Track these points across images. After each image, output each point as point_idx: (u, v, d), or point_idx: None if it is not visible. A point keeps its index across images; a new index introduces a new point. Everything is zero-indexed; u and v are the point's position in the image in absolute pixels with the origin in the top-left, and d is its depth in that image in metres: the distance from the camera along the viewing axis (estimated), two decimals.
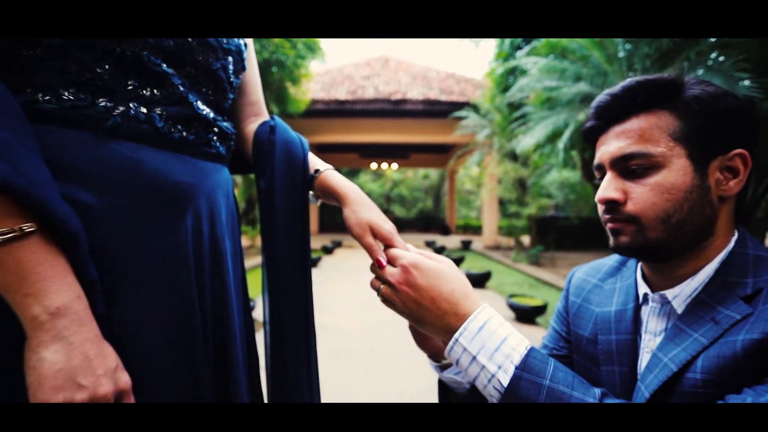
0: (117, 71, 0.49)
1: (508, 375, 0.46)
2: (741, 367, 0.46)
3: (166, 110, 0.52)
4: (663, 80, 0.57)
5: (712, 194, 0.55)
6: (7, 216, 0.39)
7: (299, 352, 0.62)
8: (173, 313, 0.52)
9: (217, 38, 0.56)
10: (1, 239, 0.38)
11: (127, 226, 0.48)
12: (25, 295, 0.40)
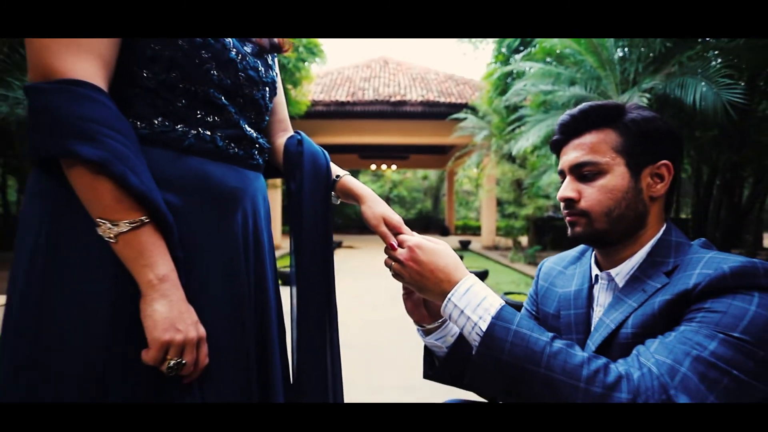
0: (190, 104, 0.63)
1: (486, 323, 0.60)
2: (657, 321, 0.61)
3: (224, 132, 0.66)
4: (609, 105, 0.71)
5: (644, 195, 0.70)
6: (132, 211, 0.54)
7: (323, 329, 0.75)
8: (229, 286, 0.66)
9: (258, 73, 0.71)
10: (131, 227, 0.53)
11: (198, 220, 0.63)
12: (143, 265, 0.54)
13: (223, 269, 0.65)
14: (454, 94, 11.46)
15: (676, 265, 0.65)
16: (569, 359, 0.54)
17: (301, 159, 0.76)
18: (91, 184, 0.52)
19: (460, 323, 0.63)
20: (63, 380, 0.55)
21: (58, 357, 0.55)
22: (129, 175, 0.52)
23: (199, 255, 0.62)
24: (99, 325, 0.56)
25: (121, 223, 0.53)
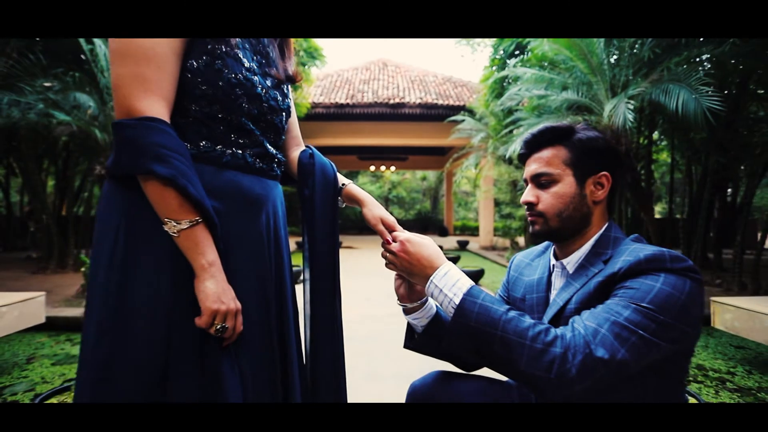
0: (227, 130, 0.79)
1: (459, 298, 0.77)
2: (593, 298, 0.77)
3: (251, 150, 0.82)
4: (562, 127, 0.88)
5: (588, 199, 0.86)
6: (191, 213, 0.71)
7: (331, 315, 0.92)
8: (256, 270, 0.82)
9: (277, 102, 0.88)
10: (189, 225, 0.70)
11: (233, 220, 0.79)
12: (197, 253, 0.70)
13: (251, 258, 0.82)
14: (452, 96, 11.61)
15: (611, 255, 0.82)
16: (519, 324, 0.71)
17: (313, 169, 0.92)
18: (162, 194, 0.69)
19: (440, 299, 0.80)
20: (137, 342, 0.71)
21: (133, 321, 0.71)
22: (189, 187, 0.69)
23: (234, 247, 0.78)
24: (164, 299, 0.72)
25: (182, 222, 0.70)
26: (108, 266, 0.72)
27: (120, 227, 0.73)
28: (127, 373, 0.70)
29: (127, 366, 0.70)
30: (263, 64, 0.85)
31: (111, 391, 0.70)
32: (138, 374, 0.71)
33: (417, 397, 0.98)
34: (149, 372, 0.71)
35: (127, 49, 0.69)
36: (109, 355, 0.70)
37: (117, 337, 0.71)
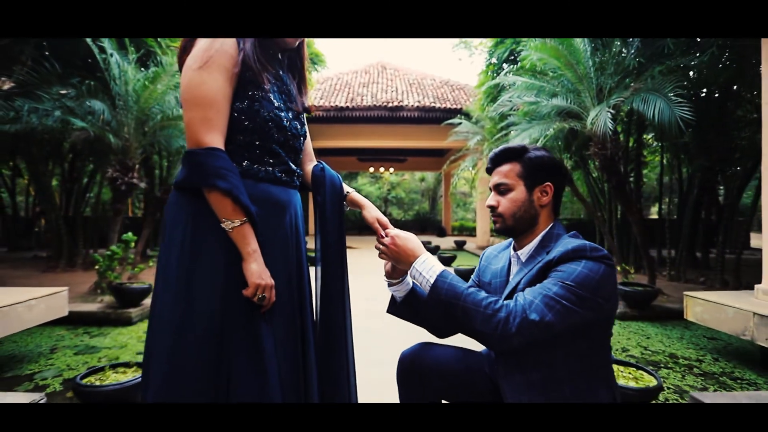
0: (261, 153, 1.03)
1: (433, 278, 1.01)
2: (535, 279, 1.01)
3: (279, 168, 1.06)
4: (517, 148, 1.13)
5: (536, 204, 1.11)
6: (240, 215, 0.94)
7: (341, 305, 1.16)
8: (282, 258, 1.06)
9: (297, 130, 1.12)
10: (240, 223, 0.93)
11: (266, 220, 1.02)
12: (245, 244, 0.94)
13: (280, 247, 1.06)
14: (450, 99, 11.87)
15: (553, 248, 1.07)
16: (476, 297, 0.96)
17: (324, 181, 1.17)
18: (221, 201, 0.93)
19: (419, 280, 1.05)
20: (202, 309, 0.95)
21: (198, 293, 0.95)
22: (240, 197, 0.93)
23: (268, 239, 1.03)
24: (220, 277, 0.97)
25: (235, 221, 0.95)
26: (179, 254, 0.96)
27: (187, 224, 0.97)
28: (195, 329, 0.94)
29: (194, 324, 0.94)
30: (287, 101, 1.10)
31: (182, 340, 0.94)
32: (201, 331, 0.94)
33: (405, 361, 1.22)
34: (210, 330, 0.95)
35: (196, 98, 0.93)
36: (180, 316, 0.95)
37: (187, 305, 0.95)
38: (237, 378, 0.94)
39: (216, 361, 0.95)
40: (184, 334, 0.94)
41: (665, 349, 3.27)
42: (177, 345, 0.94)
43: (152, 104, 5.04)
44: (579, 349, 1.01)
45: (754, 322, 2.66)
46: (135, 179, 5.10)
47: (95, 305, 4.22)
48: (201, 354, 0.94)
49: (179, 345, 0.94)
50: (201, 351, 0.94)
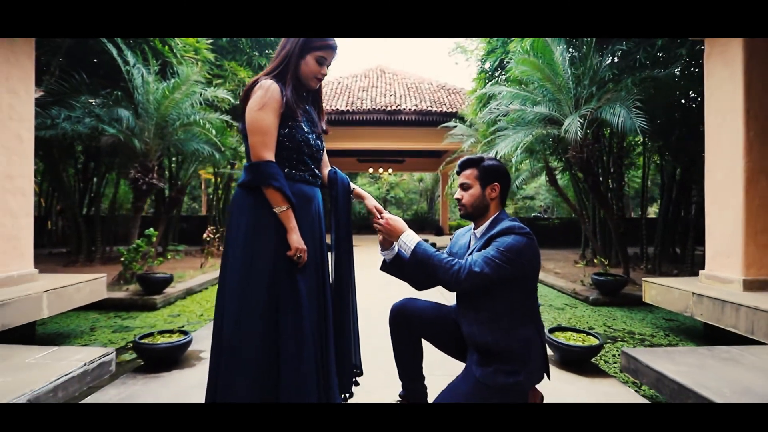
0: (297, 163, 1.50)
1: (413, 245, 1.50)
2: (482, 247, 1.50)
3: (308, 173, 1.54)
4: (476, 158, 1.62)
5: (487, 198, 1.60)
6: (285, 204, 1.41)
7: (348, 267, 1.64)
8: (310, 236, 1.52)
9: (318, 146, 1.60)
10: (286, 209, 1.41)
11: (300, 207, 1.49)
12: (289, 221, 1.41)
13: (309, 226, 1.53)
14: (446, 103, 12.35)
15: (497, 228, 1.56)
16: (440, 257, 1.45)
17: (336, 180, 1.66)
18: (275, 195, 1.41)
19: (404, 247, 1.54)
20: (262, 267, 1.42)
21: (260, 260, 1.42)
22: (286, 192, 1.41)
23: (300, 220, 1.49)
24: (273, 246, 1.43)
25: (282, 207, 1.42)
26: (245, 231, 1.44)
27: (249, 211, 1.45)
28: (256, 281, 1.42)
29: (256, 278, 1.42)
30: (312, 126, 1.58)
31: (248, 288, 1.41)
32: (260, 283, 1.41)
33: (395, 311, 1.71)
34: (265, 281, 1.43)
35: (258, 129, 1.41)
36: (247, 272, 1.42)
37: (251, 265, 1.43)
38: (284, 313, 1.42)
39: (269, 302, 1.43)
40: (249, 285, 1.42)
41: (626, 328, 3.76)
42: (244, 292, 1.42)
43: (170, 111, 5.53)
44: (512, 296, 1.50)
45: (692, 300, 3.16)
46: (154, 180, 5.58)
47: (122, 293, 4.70)
48: (260, 297, 1.42)
49: (246, 292, 1.42)
50: (260, 296, 1.42)
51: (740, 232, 3.13)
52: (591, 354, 2.42)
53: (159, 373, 2.39)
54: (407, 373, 1.76)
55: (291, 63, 1.52)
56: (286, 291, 1.44)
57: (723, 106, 3.27)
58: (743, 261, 3.11)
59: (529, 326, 1.53)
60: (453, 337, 1.69)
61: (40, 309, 3.03)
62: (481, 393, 1.46)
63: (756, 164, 3.08)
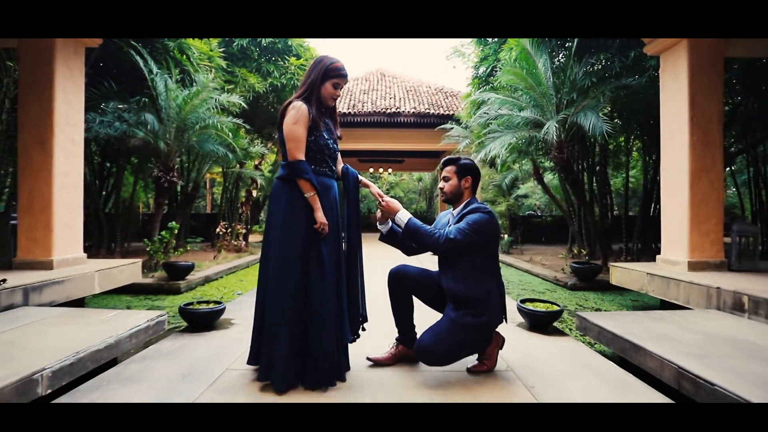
0: (320, 162, 2.03)
1: (406, 220, 2.05)
2: (457, 222, 2.07)
3: (328, 169, 2.09)
4: (455, 158, 2.18)
5: (461, 188, 2.16)
6: (313, 190, 1.95)
7: (357, 239, 2.20)
8: (330, 215, 2.06)
9: (336, 148, 2.15)
10: (313, 194, 1.95)
11: (322, 194, 2.03)
12: (315, 203, 1.96)
13: (329, 208, 2.06)
14: (443, 106, 12.91)
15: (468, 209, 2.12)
16: (426, 228, 2.00)
17: (348, 174, 2.20)
18: (305, 184, 1.95)
19: (399, 222, 2.09)
20: (297, 238, 1.96)
21: (295, 233, 1.96)
22: (314, 182, 1.95)
23: (323, 203, 2.02)
24: (305, 222, 1.96)
25: (311, 193, 1.96)
26: (284, 211, 1.99)
27: (287, 197, 1.98)
28: (292, 247, 1.96)
29: (292, 245, 1.96)
30: (330, 134, 2.13)
31: (286, 251, 1.96)
32: (295, 248, 1.95)
33: (392, 273, 2.26)
34: (299, 247, 1.97)
35: (293, 138, 1.96)
36: (285, 241, 1.97)
37: (288, 236, 1.97)
38: (312, 271, 1.97)
39: (302, 262, 1.97)
40: (287, 249, 1.97)
41: (594, 306, 4.32)
42: (283, 255, 1.96)
43: (190, 115, 6.08)
44: (477, 258, 2.05)
45: (647, 279, 3.72)
46: (175, 178, 6.14)
47: (149, 279, 5.25)
48: (295, 258, 1.97)
49: (284, 255, 1.96)
50: (295, 258, 1.97)
51: (686, 222, 3.68)
52: (552, 318, 2.97)
53: (200, 332, 2.93)
54: (401, 320, 2.31)
55: (314, 88, 2.08)
56: (314, 254, 1.99)
57: (673, 114, 3.83)
58: (689, 246, 3.67)
59: (491, 281, 2.08)
60: (434, 293, 2.24)
61: (93, 285, 3.58)
62: (455, 329, 2.02)
63: (698, 164, 3.64)
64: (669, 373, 1.94)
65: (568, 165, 5.65)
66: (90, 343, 2.14)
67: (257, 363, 2.06)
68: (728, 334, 2.39)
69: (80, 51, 3.94)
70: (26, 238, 3.57)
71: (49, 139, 3.57)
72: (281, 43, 8.62)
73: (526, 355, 2.46)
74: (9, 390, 1.64)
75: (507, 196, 9.53)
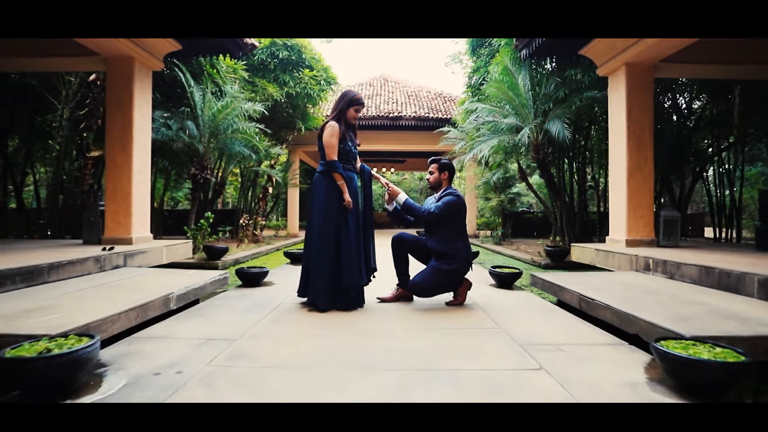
0: (345, 161, 3.06)
1: (404, 201, 3.10)
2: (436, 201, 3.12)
3: (351, 166, 3.11)
4: (437, 158, 3.23)
5: (441, 179, 3.20)
6: (342, 180, 2.97)
7: (370, 223, 3.22)
8: (355, 199, 3.09)
9: (356, 153, 3.18)
10: (343, 182, 2.99)
11: (348, 183, 3.06)
12: (344, 189, 2.97)
13: (352, 193, 3.06)
14: (442, 110, 13.92)
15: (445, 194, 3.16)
16: (418, 205, 3.04)
17: (364, 170, 3.22)
18: (338, 176, 2.95)
19: (399, 202, 3.13)
20: (332, 216, 2.97)
21: (331, 212, 2.97)
22: (344, 174, 2.97)
23: (348, 189, 3.06)
24: (335, 200, 2.98)
25: (341, 182, 2.97)
26: (323, 196, 2.99)
27: (325, 185, 3.00)
28: (329, 223, 2.97)
29: (328, 221, 2.96)
30: (352, 143, 3.15)
31: (324, 224, 2.97)
32: (331, 222, 2.96)
33: (395, 238, 3.29)
34: (333, 222, 2.98)
35: (330, 145, 2.98)
36: (324, 218, 2.99)
37: (326, 215, 2.99)
38: (342, 233, 2.99)
39: (335, 229, 3.00)
40: (325, 220, 2.99)
41: None
42: (323, 224, 2.98)
43: (221, 122, 7.14)
44: (451, 227, 3.08)
45: (595, 254, 4.74)
46: (208, 175, 7.20)
47: (192, 260, 6.30)
48: (331, 227, 2.99)
49: (324, 224, 2.98)
50: (331, 226, 2.99)
51: (624, 209, 4.71)
52: (514, 278, 3.99)
53: (252, 288, 3.97)
54: (400, 271, 3.33)
55: (342, 113, 3.11)
56: (342, 222, 3.02)
57: (616, 124, 4.85)
58: (626, 227, 4.69)
59: (460, 242, 3.11)
60: (422, 252, 3.27)
61: (162, 257, 4.64)
62: (436, 273, 3.05)
63: (633, 164, 4.66)
64: (575, 299, 2.98)
65: (543, 165, 6.68)
66: (189, 285, 3.19)
67: (305, 296, 3.09)
68: (626, 281, 3.41)
69: (149, 74, 4.99)
70: (111, 221, 4.62)
71: (129, 144, 4.62)
72: (295, 55, 9.67)
73: (489, 299, 3.48)
74: (158, 301, 2.69)
75: (498, 193, 10.53)
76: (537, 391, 1.63)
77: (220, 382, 1.71)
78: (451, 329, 2.54)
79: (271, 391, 1.62)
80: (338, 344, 2.22)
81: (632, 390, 1.62)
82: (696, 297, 2.80)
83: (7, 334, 1.83)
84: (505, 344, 2.24)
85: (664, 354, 1.63)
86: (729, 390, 1.58)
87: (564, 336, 2.38)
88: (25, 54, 4.87)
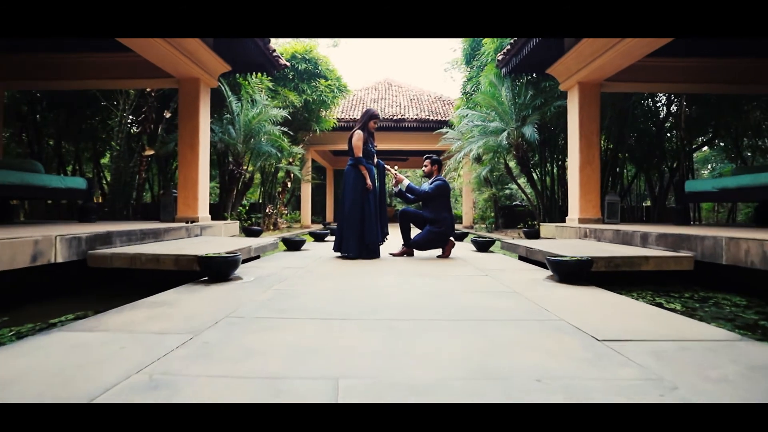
0: (368, 158, 4.45)
1: (407, 184, 4.52)
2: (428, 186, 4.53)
3: (371, 161, 4.51)
4: (430, 155, 4.66)
5: (432, 170, 4.62)
6: (366, 170, 4.38)
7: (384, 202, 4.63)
8: (374, 185, 4.49)
9: (374, 152, 4.57)
10: (366, 172, 4.41)
11: (370, 173, 4.47)
12: (368, 177, 4.39)
13: (373, 180, 4.45)
14: (441, 113, 15.30)
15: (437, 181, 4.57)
16: (417, 187, 4.46)
17: (379, 164, 4.62)
18: (362, 168, 4.36)
19: (403, 185, 4.54)
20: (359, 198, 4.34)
21: (358, 195, 4.36)
22: (367, 167, 4.37)
23: (370, 178, 4.46)
24: (362, 184, 4.37)
25: (365, 172, 4.37)
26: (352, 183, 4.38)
27: (354, 175, 4.39)
28: (357, 203, 4.34)
29: (357, 202, 4.34)
30: (372, 145, 4.53)
31: (353, 204, 4.35)
32: (358, 202, 4.34)
33: (401, 211, 4.69)
34: (359, 201, 4.36)
35: (357, 147, 4.37)
36: (353, 200, 4.36)
37: (355, 197, 4.38)
38: (365, 206, 4.37)
39: (361, 203, 4.38)
40: (354, 197, 4.38)
41: None
42: (353, 200, 4.37)
43: (254, 126, 8.55)
44: (438, 202, 4.49)
45: (555, 230, 6.13)
46: (243, 170, 8.61)
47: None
48: (358, 201, 4.38)
49: (353, 200, 4.37)
50: (358, 201, 4.38)
51: (577, 195, 6.09)
52: (489, 244, 5.38)
53: (293, 251, 5.37)
54: (405, 236, 4.72)
55: (365, 124, 4.50)
56: (367, 200, 4.41)
57: (572, 129, 6.24)
58: (579, 210, 6.08)
59: (445, 213, 4.51)
60: (421, 221, 4.66)
61: (221, 231, 6.06)
62: (429, 233, 4.46)
63: (584, 159, 6.04)
64: (523, 251, 4.38)
65: (523, 162, 8.06)
66: (258, 243, 4.60)
67: (340, 250, 4.50)
68: (563, 242, 4.81)
69: (209, 90, 6.40)
70: (182, 204, 6.04)
71: (196, 144, 6.03)
72: (312, 66, 11.06)
73: (468, 256, 4.88)
74: (247, 249, 4.10)
75: (490, 187, 11.91)
76: (479, 281, 3.05)
77: (301, 278, 3.15)
78: (441, 267, 3.95)
79: (327, 285, 3.06)
80: (363, 274, 3.63)
81: (534, 282, 3.01)
82: (598, 246, 4.19)
83: (185, 255, 3.25)
84: (472, 268, 3.67)
85: (548, 259, 3.04)
86: (582, 275, 2.97)
87: (508, 266, 3.82)
88: (112, 77, 6.30)
